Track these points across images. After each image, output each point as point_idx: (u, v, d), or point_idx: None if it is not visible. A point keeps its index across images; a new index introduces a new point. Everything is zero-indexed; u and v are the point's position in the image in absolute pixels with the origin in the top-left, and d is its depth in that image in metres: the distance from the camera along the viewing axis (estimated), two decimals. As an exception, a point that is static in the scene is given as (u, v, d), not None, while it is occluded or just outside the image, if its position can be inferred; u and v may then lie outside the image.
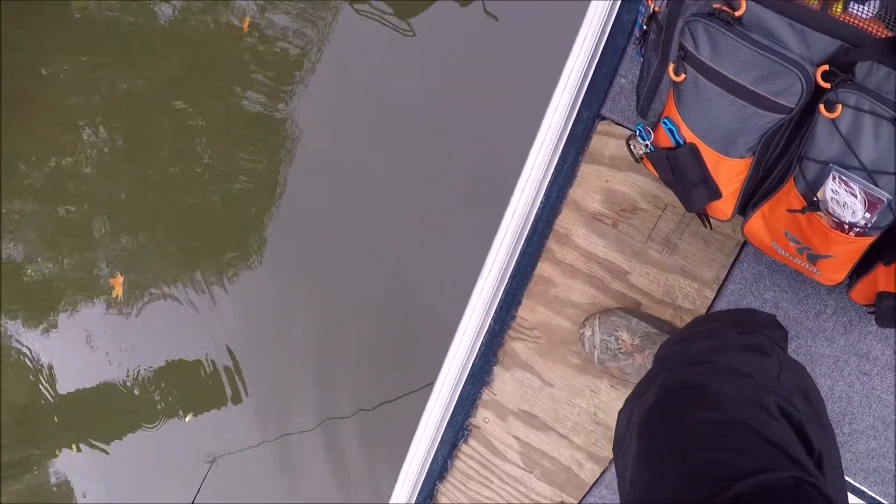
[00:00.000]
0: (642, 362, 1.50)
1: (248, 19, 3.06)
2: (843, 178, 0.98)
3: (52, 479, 4.52)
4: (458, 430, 1.84)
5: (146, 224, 3.93)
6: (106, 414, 3.69)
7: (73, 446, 3.82)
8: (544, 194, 1.69)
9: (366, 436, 3.06)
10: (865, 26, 0.93)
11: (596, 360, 1.60)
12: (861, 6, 0.93)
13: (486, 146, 2.67)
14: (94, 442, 3.80)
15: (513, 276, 1.75)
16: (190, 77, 3.95)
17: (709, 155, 1.19)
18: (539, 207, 1.70)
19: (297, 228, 3.11)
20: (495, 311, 1.76)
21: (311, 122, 3.27)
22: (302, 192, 3.14)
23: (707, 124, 1.15)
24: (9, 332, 5.15)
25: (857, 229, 1.03)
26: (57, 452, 3.98)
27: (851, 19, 0.94)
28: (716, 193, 1.24)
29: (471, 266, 1.84)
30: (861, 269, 1.14)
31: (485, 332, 1.76)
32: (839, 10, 0.94)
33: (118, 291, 3.31)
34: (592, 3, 1.58)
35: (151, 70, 4.29)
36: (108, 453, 3.81)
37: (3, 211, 4.96)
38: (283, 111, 3.42)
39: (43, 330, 4.53)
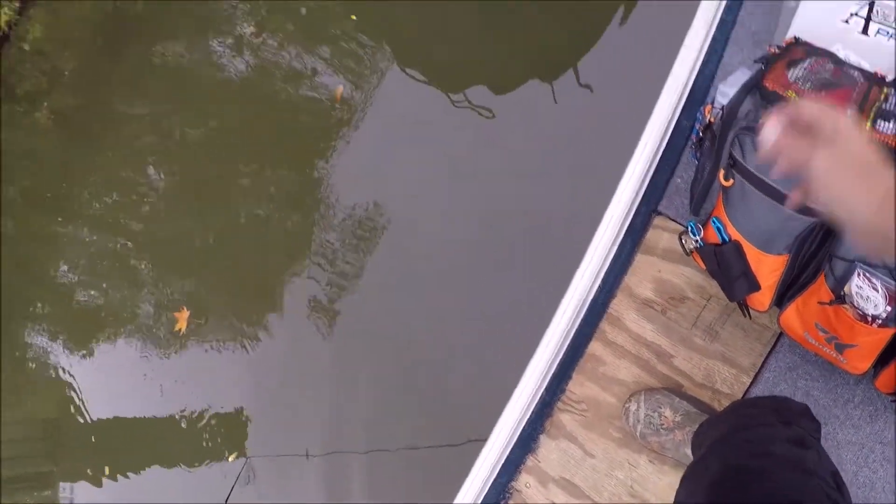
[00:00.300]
0: (682, 438, 1.65)
1: (340, 90, 3.37)
2: (868, 274, 1.17)
3: (64, 502, 4.72)
4: (500, 491, 1.97)
5: (197, 266, 4.22)
6: (145, 444, 3.86)
7: (106, 468, 3.95)
8: (602, 279, 1.89)
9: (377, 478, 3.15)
10: (890, 142, 1.14)
11: (638, 434, 1.75)
12: (886, 123, 1.15)
13: (549, 230, 2.89)
14: (125, 472, 3.94)
15: (566, 353, 1.92)
16: (254, 134, 4.32)
17: (750, 251, 1.39)
18: (596, 291, 1.90)
19: (357, 288, 3.33)
20: (548, 383, 1.93)
21: (374, 187, 3.52)
22: (376, 256, 3.37)
23: (750, 225, 1.35)
24: (50, 352, 5.47)
25: (879, 321, 1.20)
26: (88, 472, 4.13)
27: (878, 135, 1.15)
28: (755, 286, 1.43)
29: (528, 340, 2.02)
30: (885, 359, 1.30)
31: (536, 401, 1.93)
32: (868, 126, 1.16)
33: (182, 325, 3.49)
34: (656, 108, 1.83)
35: (218, 122, 4.70)
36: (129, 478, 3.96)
37: (62, 232, 5.37)
38: (322, 168, 3.70)
39: (86, 353, 4.83)
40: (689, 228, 1.52)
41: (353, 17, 3.46)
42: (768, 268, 1.36)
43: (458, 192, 3.27)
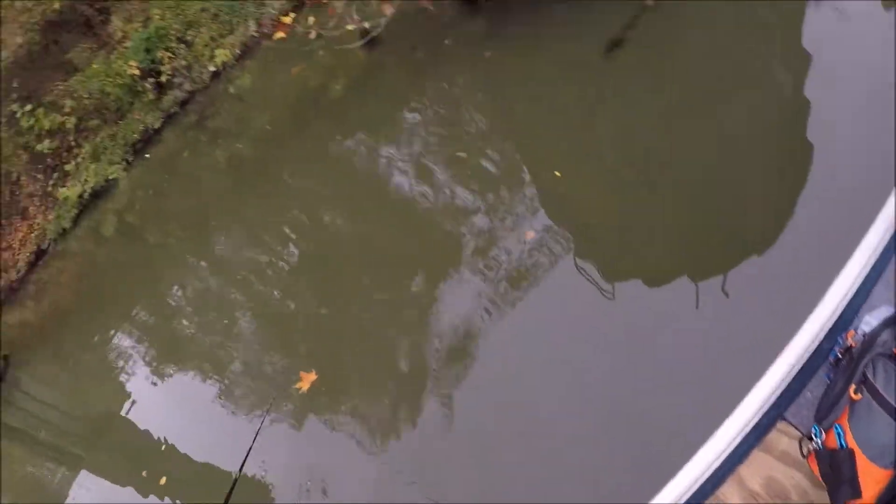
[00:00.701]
0: None
1: (532, 234, 3.86)
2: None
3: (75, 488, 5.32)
4: None
5: (297, 340, 4.74)
6: (215, 478, 4.25)
7: (163, 479, 4.42)
8: (718, 465, 2.28)
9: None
10: None
11: None
12: None
13: (672, 415, 3.22)
14: (181, 492, 4.35)
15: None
16: (393, 243, 4.89)
17: (861, 460, 1.81)
18: (711, 473, 2.28)
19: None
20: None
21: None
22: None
23: (868, 437, 1.79)
24: (130, 355, 6.13)
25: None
26: (144, 474, 4.63)
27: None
28: (858, 493, 1.84)
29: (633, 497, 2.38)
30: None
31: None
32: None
33: (304, 385, 3.91)
34: (802, 330, 2.29)
35: (366, 222, 5.34)
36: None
37: (190, 260, 6.08)
38: (437, 291, 4.14)
39: (165, 372, 5.59)
40: (814, 431, 1.96)
41: (558, 174, 4.01)
42: (873, 479, 1.77)
43: (572, 361, 3.62)
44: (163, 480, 4.47)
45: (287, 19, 5.83)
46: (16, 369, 8.05)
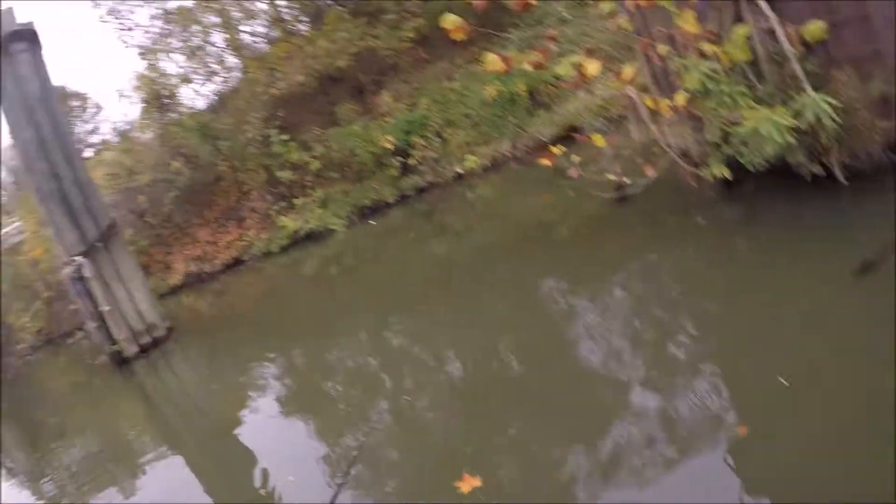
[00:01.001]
0: None
1: (744, 429, 3.81)
2: None
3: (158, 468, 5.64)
4: None
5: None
6: None
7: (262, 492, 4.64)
8: None
9: None
10: None
11: None
12: None
13: None
14: None
15: None
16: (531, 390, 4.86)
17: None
18: None
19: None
20: None
21: None
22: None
23: None
24: (265, 387, 6.57)
25: None
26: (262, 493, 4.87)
27: None
28: None
29: None
30: None
31: None
32: None
33: (466, 488, 3.85)
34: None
35: (515, 367, 5.40)
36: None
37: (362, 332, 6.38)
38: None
39: (288, 416, 5.96)
40: None
41: (786, 383, 3.90)
42: None
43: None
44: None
45: (557, 150, 6.29)
46: (173, 342, 9.39)
